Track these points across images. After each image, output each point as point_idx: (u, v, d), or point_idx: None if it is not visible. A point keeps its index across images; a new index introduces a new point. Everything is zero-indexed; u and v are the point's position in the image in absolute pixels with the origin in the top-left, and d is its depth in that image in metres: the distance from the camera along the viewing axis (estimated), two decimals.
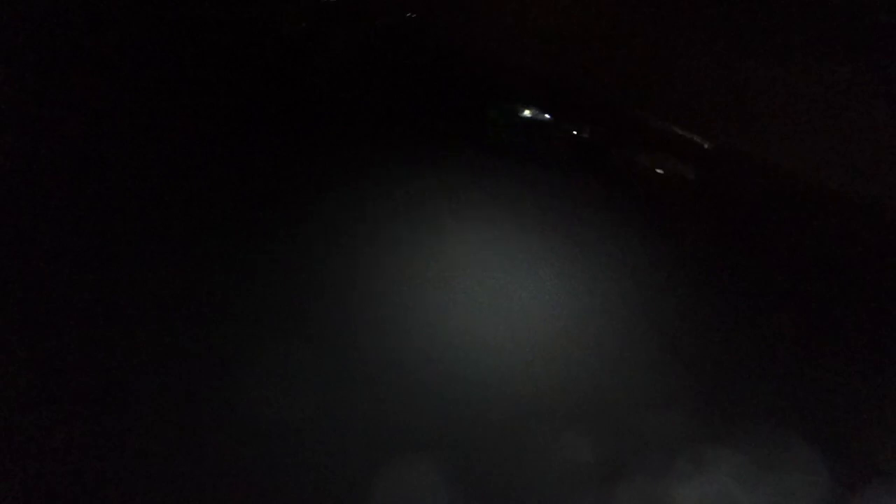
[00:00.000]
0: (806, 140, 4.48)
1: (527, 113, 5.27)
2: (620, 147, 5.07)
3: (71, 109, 4.82)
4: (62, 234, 4.23)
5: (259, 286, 4.20)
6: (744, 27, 4.47)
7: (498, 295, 4.31)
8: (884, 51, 4.06)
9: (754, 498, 3.33)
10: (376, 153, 5.02)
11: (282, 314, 4.05)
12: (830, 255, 4.39)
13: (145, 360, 3.67)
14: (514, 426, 3.58)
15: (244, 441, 3.39)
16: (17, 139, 4.60)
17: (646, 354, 3.98)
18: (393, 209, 4.70)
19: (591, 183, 5.05)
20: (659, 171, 4.91)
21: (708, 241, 4.62)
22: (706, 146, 4.78)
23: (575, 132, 5.12)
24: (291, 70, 5.38)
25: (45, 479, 3.15)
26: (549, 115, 5.18)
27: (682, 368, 3.91)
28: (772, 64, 4.38)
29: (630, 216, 4.84)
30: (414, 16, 5.32)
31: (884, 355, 3.96)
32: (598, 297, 4.33)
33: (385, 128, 5.20)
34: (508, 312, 4.22)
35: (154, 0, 5.42)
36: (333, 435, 3.45)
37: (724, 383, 3.82)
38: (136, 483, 3.17)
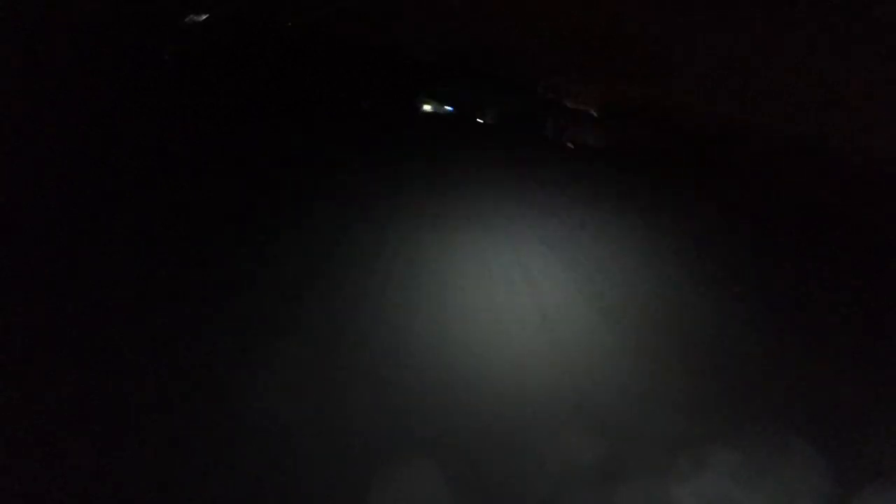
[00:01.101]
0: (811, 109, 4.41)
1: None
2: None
3: (72, 111, 4.84)
4: (62, 232, 4.24)
5: (259, 288, 4.21)
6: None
7: (498, 296, 4.31)
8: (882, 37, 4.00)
9: (754, 498, 3.34)
10: (374, 156, 5.05)
11: (282, 315, 4.06)
12: (827, 246, 4.39)
13: (144, 360, 3.67)
14: (514, 426, 3.58)
15: (243, 441, 3.39)
16: (17, 140, 4.61)
17: (646, 355, 3.98)
18: (393, 212, 4.71)
19: (591, 179, 5.06)
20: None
21: (710, 236, 4.61)
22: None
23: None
24: (288, 70, 5.40)
25: (45, 480, 3.16)
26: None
27: (683, 369, 3.91)
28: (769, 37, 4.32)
29: (630, 216, 4.85)
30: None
31: (884, 356, 3.96)
32: (598, 297, 4.33)
33: (378, 127, 5.23)
34: (508, 313, 4.23)
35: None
36: (333, 435, 3.45)
37: (725, 383, 3.83)
38: (136, 482, 3.18)
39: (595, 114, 4.99)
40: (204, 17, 5.25)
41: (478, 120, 5.20)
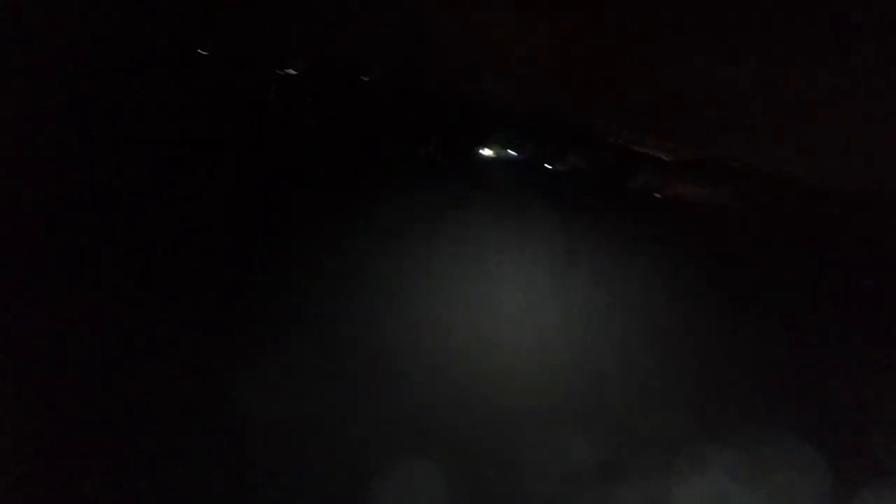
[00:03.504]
0: (790, 142, 4.48)
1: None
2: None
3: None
4: (71, 232, 4.26)
5: (263, 289, 4.23)
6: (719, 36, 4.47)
7: (500, 300, 4.32)
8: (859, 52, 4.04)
9: (754, 498, 3.34)
10: (380, 170, 5.15)
11: (284, 317, 4.08)
12: (828, 253, 4.42)
13: (145, 360, 3.69)
14: (514, 426, 3.59)
15: (244, 441, 3.40)
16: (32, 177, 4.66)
17: (646, 355, 3.99)
18: (398, 220, 4.74)
19: (590, 190, 5.12)
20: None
21: (708, 243, 4.64)
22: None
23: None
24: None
25: (47, 479, 3.17)
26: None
27: (682, 369, 3.92)
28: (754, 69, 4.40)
29: (629, 222, 4.88)
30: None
31: (884, 356, 3.97)
32: (598, 299, 4.35)
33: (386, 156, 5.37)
34: (510, 317, 4.24)
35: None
36: (333, 435, 3.46)
37: (724, 383, 3.84)
38: (137, 482, 3.18)
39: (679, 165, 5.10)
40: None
41: (546, 166, 5.27)
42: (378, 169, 5.19)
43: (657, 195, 5.04)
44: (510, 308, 4.30)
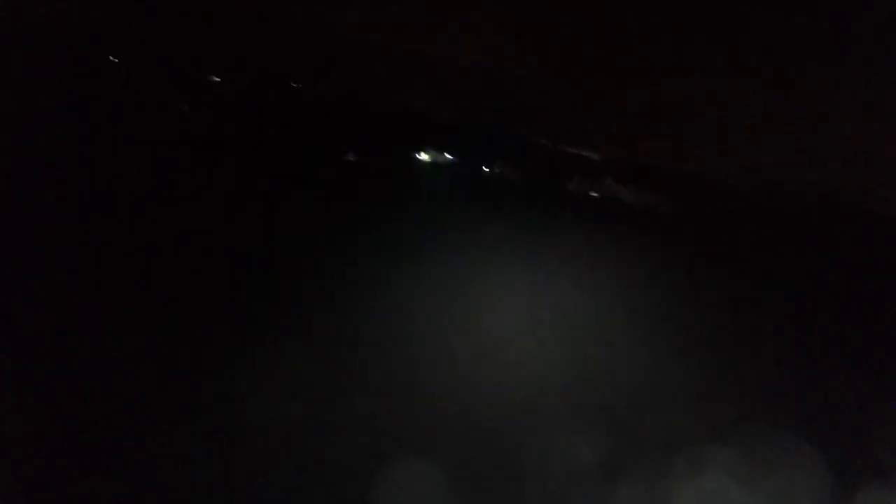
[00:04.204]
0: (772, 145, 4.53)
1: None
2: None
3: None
4: (65, 233, 4.27)
5: (264, 290, 4.23)
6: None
7: (498, 300, 4.33)
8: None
9: (754, 498, 3.34)
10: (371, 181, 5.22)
11: (286, 318, 4.08)
12: (828, 254, 4.43)
13: (145, 360, 3.68)
14: (514, 426, 3.59)
15: (244, 441, 3.39)
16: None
17: (646, 356, 4.00)
18: (396, 223, 4.77)
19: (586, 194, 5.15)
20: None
21: (709, 245, 4.65)
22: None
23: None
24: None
25: (46, 478, 3.16)
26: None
27: (682, 369, 3.93)
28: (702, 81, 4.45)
29: (627, 224, 4.89)
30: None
31: (884, 356, 3.97)
32: (598, 300, 4.35)
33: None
34: (509, 317, 4.24)
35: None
36: (333, 435, 3.46)
37: (724, 383, 3.84)
38: (136, 482, 3.18)
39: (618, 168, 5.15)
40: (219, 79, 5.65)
41: (483, 169, 5.32)
42: (312, 176, 5.25)
43: (665, 208, 5.07)
44: (496, 311, 4.32)
